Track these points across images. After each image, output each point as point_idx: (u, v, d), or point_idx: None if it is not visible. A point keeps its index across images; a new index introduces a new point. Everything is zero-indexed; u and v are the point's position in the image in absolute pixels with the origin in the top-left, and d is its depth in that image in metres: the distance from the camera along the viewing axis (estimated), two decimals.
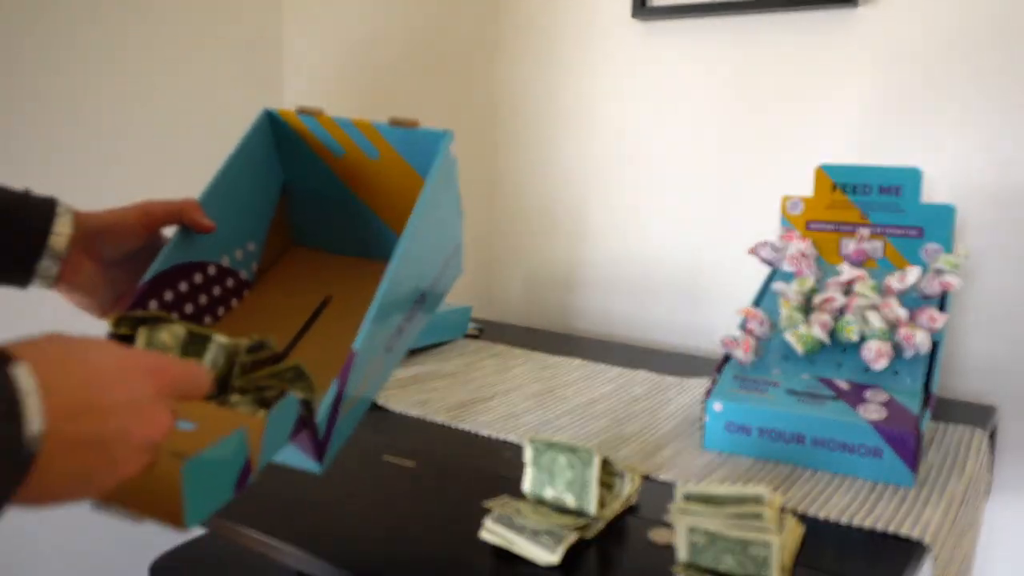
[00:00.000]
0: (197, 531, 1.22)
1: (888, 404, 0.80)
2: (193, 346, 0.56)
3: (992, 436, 0.98)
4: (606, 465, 0.72)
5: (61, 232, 0.60)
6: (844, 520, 0.71)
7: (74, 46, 1.32)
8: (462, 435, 0.91)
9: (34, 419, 0.29)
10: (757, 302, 0.98)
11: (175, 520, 0.45)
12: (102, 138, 1.37)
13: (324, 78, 1.62)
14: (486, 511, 0.70)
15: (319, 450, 0.60)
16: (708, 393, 0.86)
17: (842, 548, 0.67)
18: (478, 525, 0.67)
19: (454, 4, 1.48)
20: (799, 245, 0.97)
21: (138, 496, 0.44)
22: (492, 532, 0.65)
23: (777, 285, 0.96)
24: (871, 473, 0.78)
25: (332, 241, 0.83)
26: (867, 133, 1.13)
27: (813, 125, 1.17)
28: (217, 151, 0.82)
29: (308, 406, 0.58)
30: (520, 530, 0.64)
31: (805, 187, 1.18)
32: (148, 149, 1.43)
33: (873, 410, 0.79)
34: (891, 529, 0.69)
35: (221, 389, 0.56)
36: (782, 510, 0.72)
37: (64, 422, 0.31)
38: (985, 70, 1.05)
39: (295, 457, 0.61)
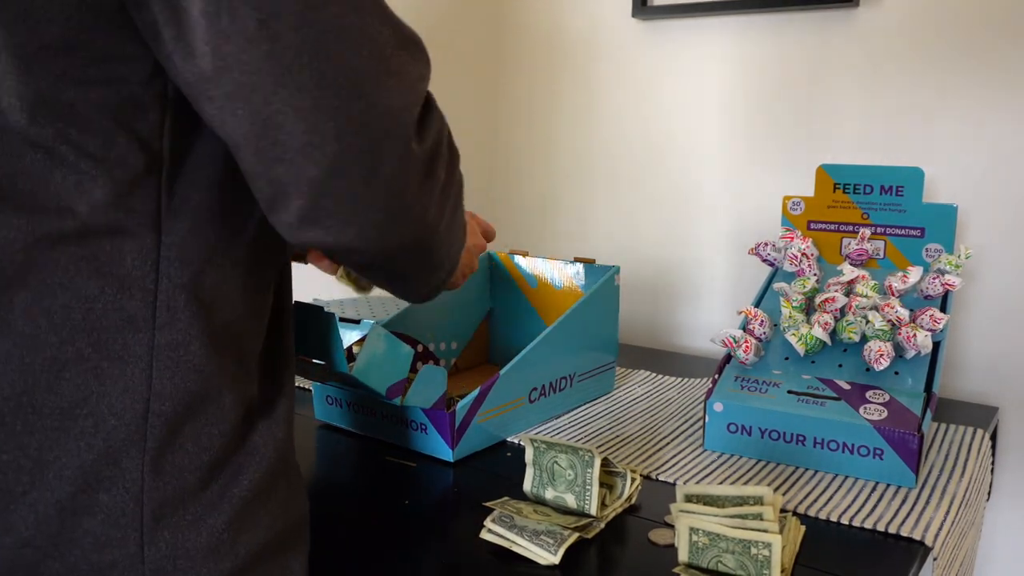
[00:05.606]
0: None
1: (889, 405, 0.80)
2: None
3: (993, 437, 0.98)
4: (606, 465, 0.72)
5: None
6: (845, 521, 0.71)
7: None
8: None
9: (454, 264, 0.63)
10: (758, 302, 0.98)
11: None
12: None
13: None
14: (486, 511, 0.70)
15: (454, 436, 0.81)
16: (708, 393, 0.86)
17: (843, 549, 0.66)
18: (478, 525, 0.67)
19: (457, 4, 1.48)
20: (800, 245, 0.97)
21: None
22: (492, 532, 0.65)
23: (778, 285, 0.96)
24: (872, 474, 0.78)
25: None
26: (868, 132, 1.13)
27: (814, 124, 1.17)
28: None
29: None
30: (520, 530, 0.64)
31: (806, 187, 1.18)
32: None
33: (874, 411, 0.79)
34: (892, 530, 0.69)
35: None
36: (783, 510, 0.72)
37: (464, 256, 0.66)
38: (987, 69, 1.04)
39: (439, 447, 0.82)
